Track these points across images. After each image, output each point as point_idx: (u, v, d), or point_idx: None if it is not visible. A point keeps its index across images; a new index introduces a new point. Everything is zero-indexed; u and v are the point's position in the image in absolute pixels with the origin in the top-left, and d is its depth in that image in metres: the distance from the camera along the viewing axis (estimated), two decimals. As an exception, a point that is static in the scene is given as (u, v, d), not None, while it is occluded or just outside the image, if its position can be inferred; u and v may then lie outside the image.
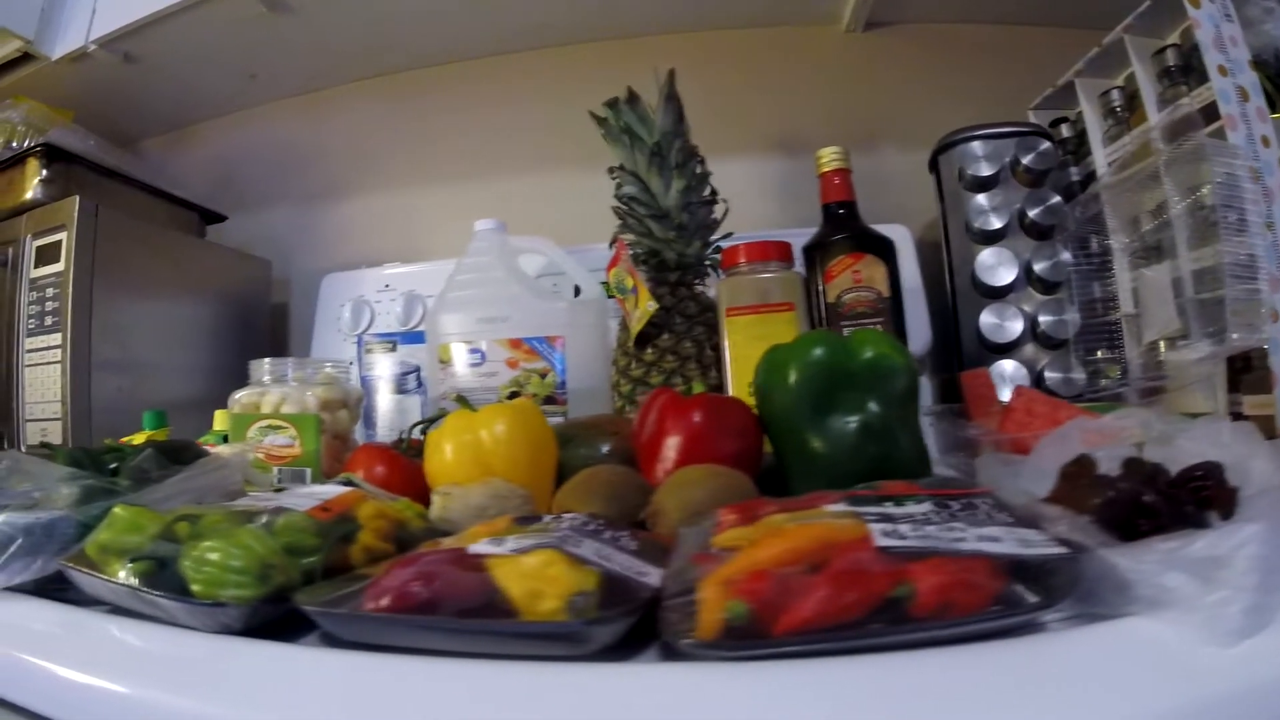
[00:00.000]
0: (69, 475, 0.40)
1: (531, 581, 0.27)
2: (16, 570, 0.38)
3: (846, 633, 0.23)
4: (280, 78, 1.01)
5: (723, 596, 0.25)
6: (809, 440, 0.45)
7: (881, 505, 0.30)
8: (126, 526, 0.36)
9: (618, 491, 0.42)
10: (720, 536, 0.30)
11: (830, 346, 0.46)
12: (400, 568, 0.29)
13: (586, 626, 0.25)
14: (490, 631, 0.27)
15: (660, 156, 0.69)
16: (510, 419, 0.51)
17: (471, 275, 0.74)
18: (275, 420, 0.58)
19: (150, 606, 0.33)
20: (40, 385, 0.76)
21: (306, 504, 0.40)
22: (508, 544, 0.30)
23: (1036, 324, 0.72)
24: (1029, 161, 0.73)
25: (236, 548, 0.33)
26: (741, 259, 0.66)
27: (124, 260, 0.79)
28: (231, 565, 0.32)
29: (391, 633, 0.28)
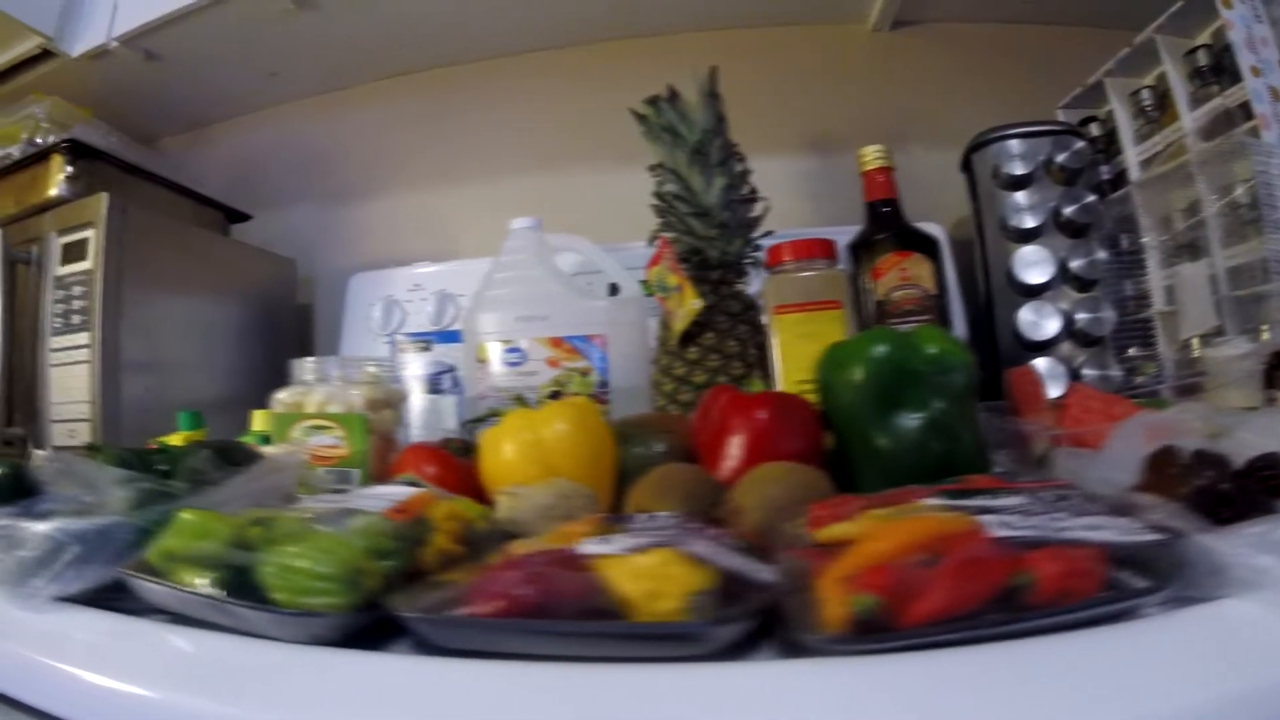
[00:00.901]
0: (123, 478, 0.37)
1: (648, 581, 0.26)
2: (69, 579, 0.36)
3: (969, 622, 0.23)
4: (302, 76, 0.98)
5: (847, 590, 0.24)
6: (874, 437, 0.44)
7: (976, 499, 0.30)
8: (195, 532, 0.33)
9: (694, 489, 0.41)
10: (821, 532, 0.30)
11: (894, 344, 0.45)
12: (506, 570, 0.28)
13: (709, 627, 0.24)
14: (607, 634, 0.25)
15: (702, 154, 0.67)
16: (571, 417, 0.49)
17: (509, 274, 0.72)
18: (321, 420, 0.56)
19: (228, 616, 0.31)
20: (67, 385, 0.73)
21: (378, 506, 0.38)
22: (616, 543, 0.29)
23: (1073, 322, 0.71)
24: (1063, 160, 0.72)
25: (323, 553, 0.31)
26: (787, 257, 0.65)
27: (152, 258, 0.76)
28: (320, 571, 0.30)
29: (499, 638, 0.26)
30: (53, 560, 0.36)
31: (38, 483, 0.38)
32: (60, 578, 0.36)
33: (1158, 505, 0.29)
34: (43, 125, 0.78)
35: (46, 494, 0.38)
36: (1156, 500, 0.30)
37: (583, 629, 0.25)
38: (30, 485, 0.38)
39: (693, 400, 0.66)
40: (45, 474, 0.38)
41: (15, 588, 0.36)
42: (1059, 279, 0.72)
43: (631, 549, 0.28)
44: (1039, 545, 0.25)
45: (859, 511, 0.30)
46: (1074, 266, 0.71)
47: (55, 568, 0.36)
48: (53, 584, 0.36)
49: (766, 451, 0.44)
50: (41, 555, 0.36)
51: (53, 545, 0.36)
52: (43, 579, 0.36)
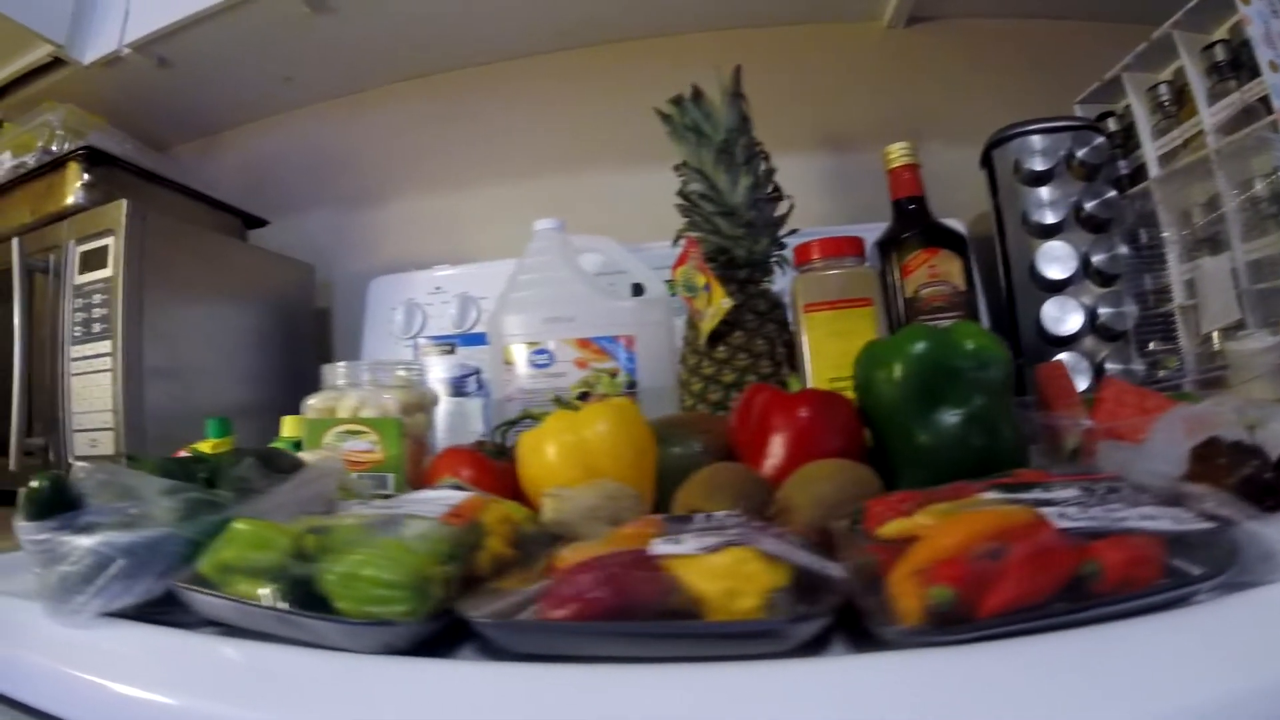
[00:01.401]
0: (169, 488, 0.36)
1: (725, 580, 0.25)
2: (115, 594, 0.34)
3: (1039, 611, 0.23)
4: (317, 80, 0.96)
5: (921, 584, 0.24)
6: (915, 433, 0.44)
7: (1031, 492, 0.30)
8: (251, 542, 0.32)
9: (744, 489, 0.40)
10: (883, 528, 0.30)
11: (933, 340, 0.45)
12: (579, 573, 0.27)
13: (790, 624, 0.24)
14: (688, 634, 0.25)
15: (728, 153, 0.66)
16: (613, 418, 0.48)
17: (534, 275, 0.71)
18: (354, 425, 0.54)
19: (293, 628, 0.29)
20: (89, 394, 0.71)
21: (432, 510, 0.36)
22: (688, 543, 0.28)
23: (1096, 316, 0.70)
24: (1084, 155, 0.71)
25: (389, 560, 0.29)
26: (815, 255, 0.64)
27: (172, 265, 0.74)
28: (388, 579, 0.29)
29: (576, 641, 0.26)
30: (97, 575, 0.34)
31: (79, 495, 0.36)
32: (105, 592, 0.34)
33: (1207, 495, 0.29)
34: (58, 133, 0.76)
35: (88, 506, 0.36)
36: (1205, 490, 0.30)
37: (664, 629, 0.25)
38: (71, 497, 0.36)
39: (722, 399, 0.65)
40: (86, 486, 0.36)
41: (57, 604, 0.34)
42: (1081, 274, 0.71)
43: (706, 548, 0.27)
44: (1100, 535, 0.25)
45: (918, 507, 0.30)
46: (1096, 261, 0.71)
47: (100, 582, 0.34)
48: (97, 599, 0.34)
49: (809, 449, 0.44)
50: (85, 570, 0.34)
51: (98, 559, 0.34)
52: (87, 594, 0.34)
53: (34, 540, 0.36)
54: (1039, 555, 0.24)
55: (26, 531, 0.36)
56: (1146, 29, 0.73)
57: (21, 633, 0.36)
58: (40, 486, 0.36)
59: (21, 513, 0.37)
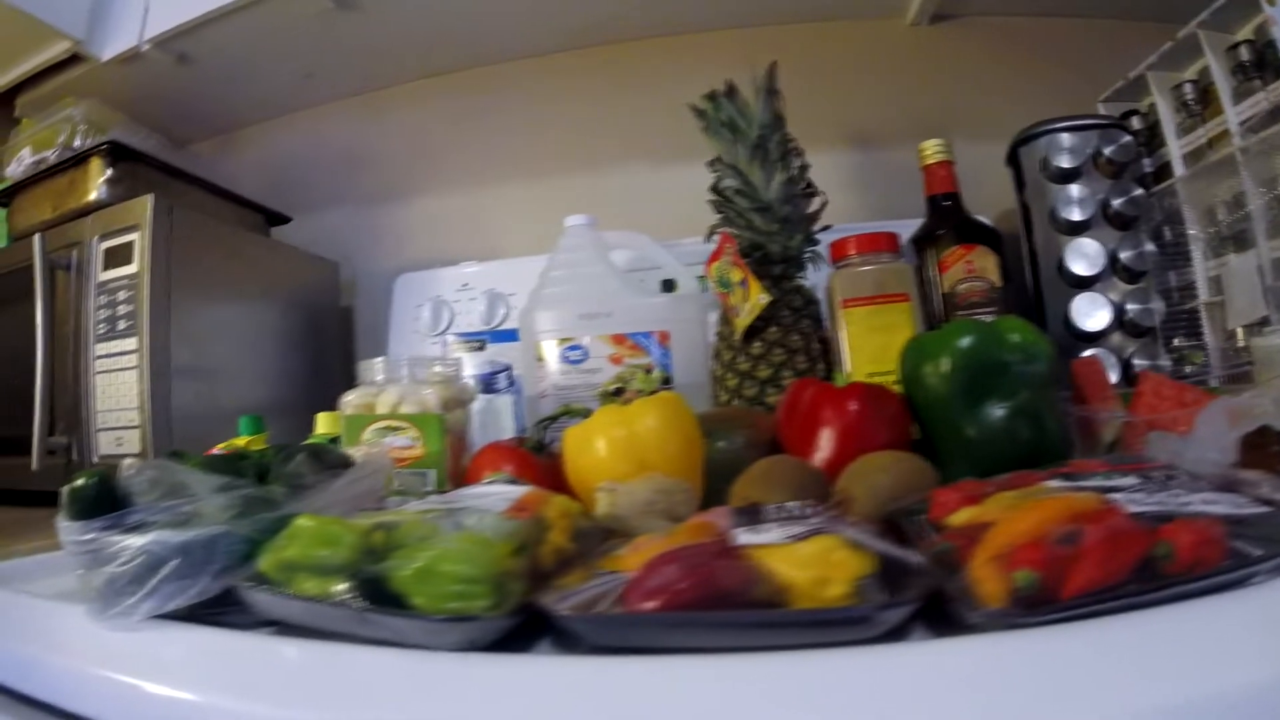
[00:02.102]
0: (222, 485, 0.33)
1: (814, 568, 0.25)
2: (169, 595, 0.32)
3: (1116, 591, 0.24)
4: (338, 77, 0.94)
5: (1004, 568, 0.24)
6: (962, 426, 0.43)
7: (1093, 480, 0.31)
8: (318, 539, 0.30)
9: (801, 481, 0.40)
10: (955, 516, 0.30)
11: (980, 335, 0.45)
12: (663, 565, 0.26)
13: (880, 610, 0.24)
14: (780, 623, 0.24)
15: (762, 149, 0.64)
16: (663, 412, 0.46)
17: (566, 271, 0.69)
18: (394, 421, 0.52)
19: (365, 626, 0.28)
20: (114, 393, 0.68)
21: (494, 504, 0.35)
22: (772, 533, 0.28)
23: (1123, 312, 0.69)
24: (1111, 153, 0.70)
25: (467, 555, 0.27)
26: (852, 251, 0.63)
27: (198, 261, 0.72)
28: (467, 574, 0.27)
29: (665, 633, 0.25)
30: (149, 575, 0.32)
31: (126, 493, 0.34)
32: (157, 594, 0.32)
33: (1262, 480, 0.30)
34: (80, 128, 0.73)
35: (136, 505, 0.34)
36: (1260, 476, 0.30)
37: (758, 618, 0.24)
38: (118, 496, 0.34)
39: (757, 395, 0.63)
40: (134, 483, 0.34)
41: (104, 607, 0.32)
42: (1108, 270, 0.70)
43: (793, 537, 0.27)
44: (1167, 519, 0.26)
45: (985, 496, 0.30)
46: (1124, 258, 0.69)
47: (152, 583, 0.32)
48: (148, 601, 0.32)
49: (858, 442, 0.44)
50: (136, 570, 0.32)
51: (150, 559, 0.32)
52: (137, 596, 0.32)
53: (79, 540, 0.34)
54: (1114, 538, 0.25)
55: (71, 531, 0.34)
56: (1168, 28, 0.72)
57: (66, 637, 0.34)
58: (86, 484, 0.34)
59: (65, 512, 0.34)
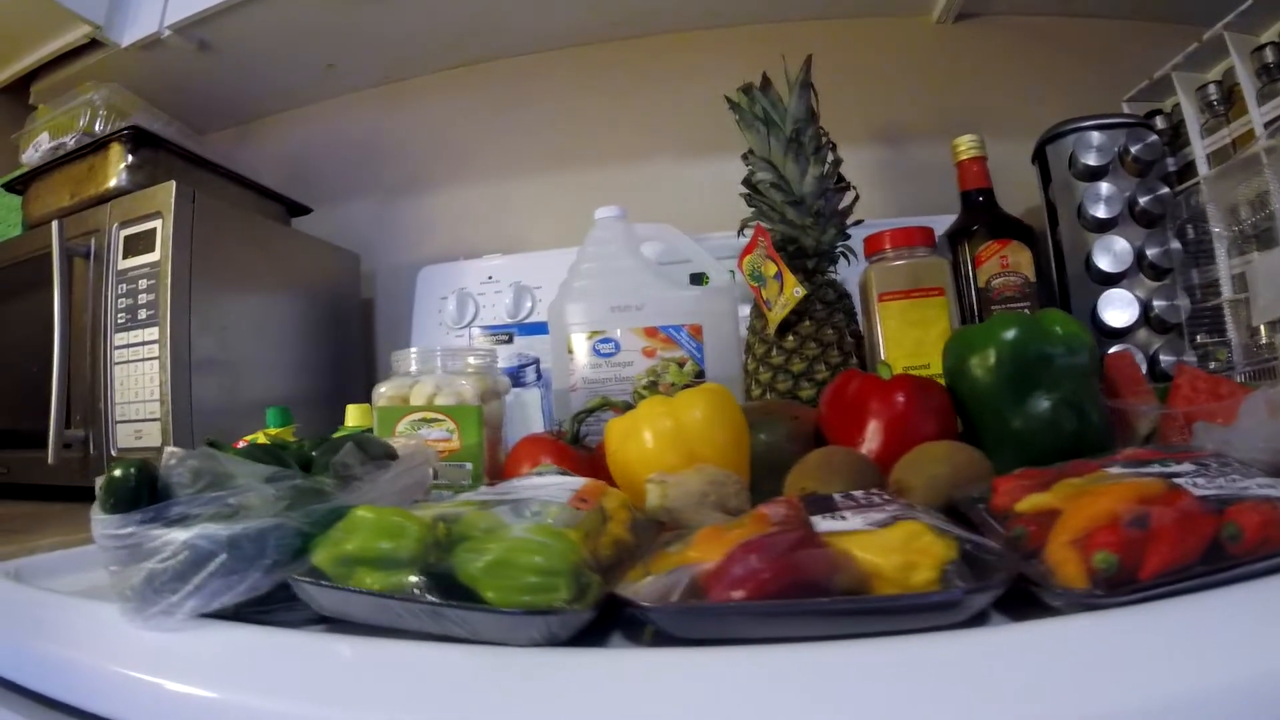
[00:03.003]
0: (271, 475, 0.31)
1: (900, 554, 0.24)
2: (215, 592, 0.29)
3: (1187, 572, 0.24)
4: (360, 68, 0.91)
5: (1082, 551, 0.24)
6: (1008, 418, 0.42)
7: (1151, 466, 0.31)
8: (381, 531, 0.27)
9: (857, 471, 0.39)
10: (1022, 503, 0.29)
11: (1025, 327, 0.44)
12: (746, 554, 0.25)
13: (969, 595, 0.23)
14: (872, 609, 0.24)
15: (797, 143, 0.62)
16: (710, 403, 0.44)
17: (596, 264, 0.66)
18: (430, 412, 0.49)
19: (438, 621, 0.26)
20: (133, 384, 0.65)
21: (554, 495, 0.32)
22: (854, 520, 0.27)
23: (1150, 309, 0.67)
24: (1138, 151, 0.69)
25: (543, 546, 0.25)
26: (887, 245, 0.61)
27: (220, 250, 0.68)
28: (546, 566, 0.25)
29: (753, 623, 0.24)
30: (193, 571, 0.29)
31: (167, 484, 0.31)
32: (203, 591, 0.29)
33: None
34: (101, 112, 0.69)
35: (177, 496, 0.31)
36: None
37: (851, 605, 0.23)
38: (159, 487, 0.31)
39: (791, 388, 0.61)
40: (176, 474, 0.31)
41: (142, 605, 0.29)
42: (1134, 267, 0.68)
43: (877, 523, 0.26)
44: (1229, 502, 0.26)
45: (1048, 483, 0.30)
46: (1151, 255, 0.68)
47: (197, 580, 0.29)
48: (193, 599, 0.29)
49: (907, 434, 0.42)
50: (179, 566, 0.29)
51: (195, 554, 0.29)
52: (180, 594, 0.29)
53: (116, 535, 0.30)
54: (1185, 520, 0.25)
55: (107, 525, 0.31)
56: (1190, 29, 0.71)
57: (101, 638, 0.30)
58: (123, 475, 0.31)
59: (101, 504, 0.31)
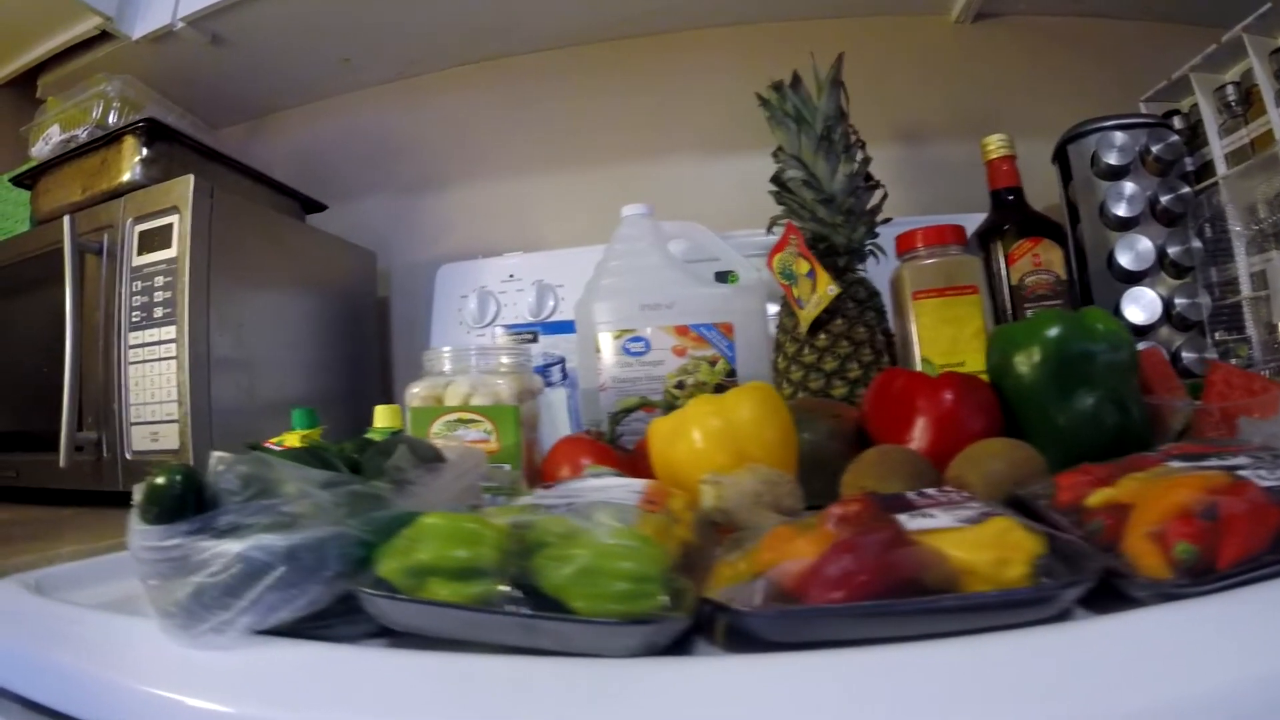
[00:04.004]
0: (328, 480, 0.28)
1: (994, 550, 0.24)
2: (272, 606, 0.26)
3: (1260, 560, 0.24)
4: (376, 63, 0.88)
5: (1161, 542, 0.24)
6: (1053, 415, 0.42)
7: (1208, 460, 0.30)
8: (455, 539, 0.25)
9: (916, 469, 0.38)
10: (1091, 498, 0.29)
11: (1068, 325, 0.43)
12: (840, 554, 0.24)
13: (1063, 589, 0.23)
14: (970, 607, 0.23)
15: (828, 140, 0.60)
16: (760, 402, 0.43)
17: (624, 262, 0.64)
18: (466, 413, 0.46)
19: (525, 633, 0.24)
20: (148, 384, 0.62)
21: (621, 497, 0.31)
22: (941, 517, 0.27)
23: (1172, 306, 0.66)
24: (1159, 151, 0.68)
25: (632, 552, 0.24)
26: (920, 243, 0.59)
27: (237, 247, 0.65)
28: (636, 572, 0.24)
29: (851, 624, 0.23)
30: (247, 585, 0.26)
31: (215, 492, 0.28)
32: (258, 606, 0.26)
33: None
34: (115, 104, 0.66)
35: (226, 504, 0.28)
36: None
37: (954, 603, 0.23)
38: (206, 495, 0.28)
39: (823, 387, 0.59)
40: (225, 480, 0.28)
41: (188, 622, 0.27)
42: (1156, 266, 0.67)
43: (967, 520, 0.26)
44: None
45: (1111, 478, 0.30)
46: (1172, 254, 0.67)
47: (252, 594, 0.26)
48: (247, 615, 0.26)
49: (955, 431, 0.42)
50: (232, 580, 0.27)
51: (249, 567, 0.26)
52: (233, 609, 0.26)
53: (160, 547, 0.28)
54: (1255, 510, 0.25)
55: (149, 536, 0.28)
56: (1207, 30, 0.70)
57: (143, 658, 0.28)
58: (167, 482, 0.28)
59: (143, 514, 0.29)
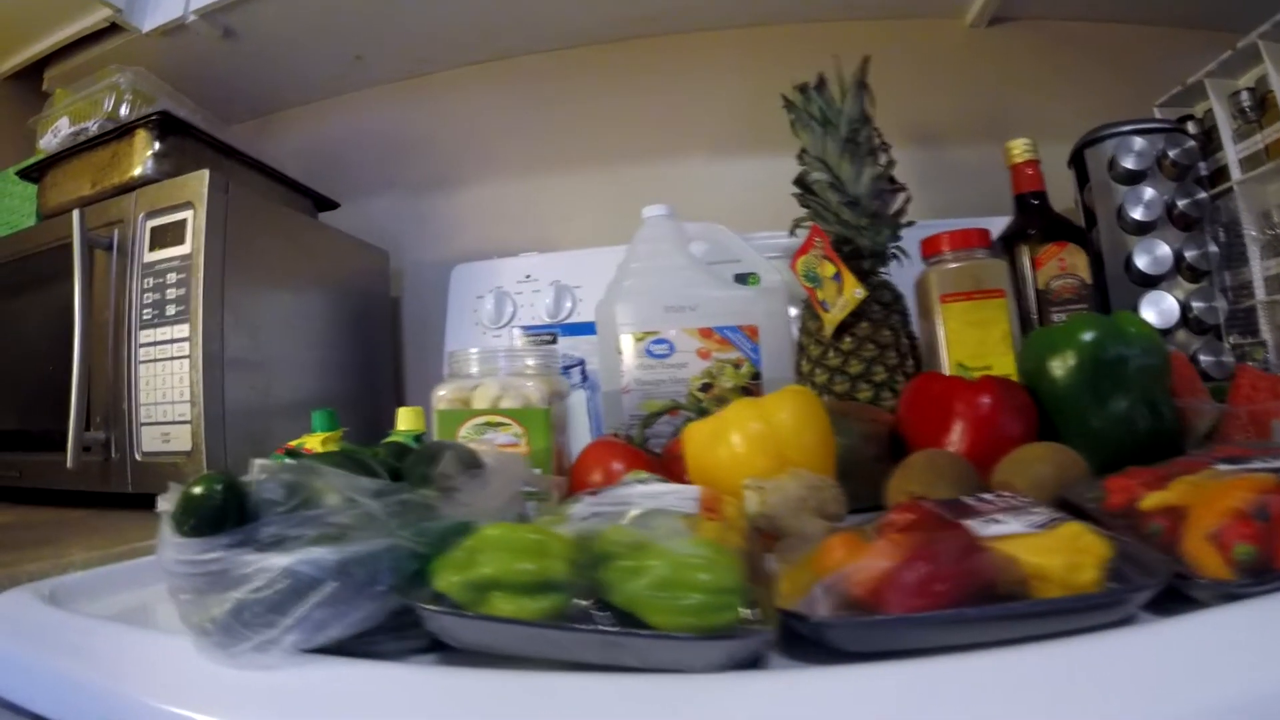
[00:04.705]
0: (379, 489, 0.26)
1: (1066, 554, 0.24)
2: (320, 623, 0.25)
3: None
4: (389, 60, 0.86)
5: (1220, 543, 0.24)
6: (1088, 418, 0.42)
7: (1252, 462, 0.30)
8: (521, 551, 0.23)
9: (962, 474, 0.38)
10: (1145, 501, 0.29)
11: (1103, 329, 0.43)
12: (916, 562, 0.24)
13: (1135, 592, 0.23)
14: (1048, 611, 0.23)
15: (853, 143, 0.59)
16: (800, 406, 0.42)
17: (646, 263, 0.63)
18: (495, 416, 0.45)
19: (610, 650, 0.22)
20: (160, 384, 0.60)
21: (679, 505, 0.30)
22: (1011, 523, 0.26)
23: (1189, 310, 0.66)
24: (1176, 156, 0.68)
25: (710, 563, 0.23)
26: (945, 247, 0.58)
27: (252, 243, 0.63)
28: (713, 584, 0.22)
29: (935, 632, 0.23)
30: (293, 601, 0.25)
31: (258, 501, 0.27)
32: (305, 623, 0.25)
33: None
34: (126, 96, 0.63)
35: (267, 515, 0.26)
36: None
37: (1034, 608, 0.22)
38: (251, 505, 0.26)
39: (848, 391, 0.58)
40: (268, 489, 0.27)
41: (228, 641, 0.25)
42: (1173, 270, 0.67)
43: (1038, 525, 0.26)
44: None
45: (1160, 482, 0.30)
46: (1189, 257, 0.66)
47: (300, 611, 0.25)
48: (293, 632, 0.25)
49: (992, 436, 0.42)
50: (276, 595, 0.25)
51: (297, 582, 0.25)
52: (279, 627, 0.25)
53: (198, 560, 0.26)
54: None
55: (186, 549, 0.26)
56: (1222, 36, 0.70)
57: (177, 678, 0.26)
58: (207, 492, 0.26)
59: (177, 525, 0.27)
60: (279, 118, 0.93)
